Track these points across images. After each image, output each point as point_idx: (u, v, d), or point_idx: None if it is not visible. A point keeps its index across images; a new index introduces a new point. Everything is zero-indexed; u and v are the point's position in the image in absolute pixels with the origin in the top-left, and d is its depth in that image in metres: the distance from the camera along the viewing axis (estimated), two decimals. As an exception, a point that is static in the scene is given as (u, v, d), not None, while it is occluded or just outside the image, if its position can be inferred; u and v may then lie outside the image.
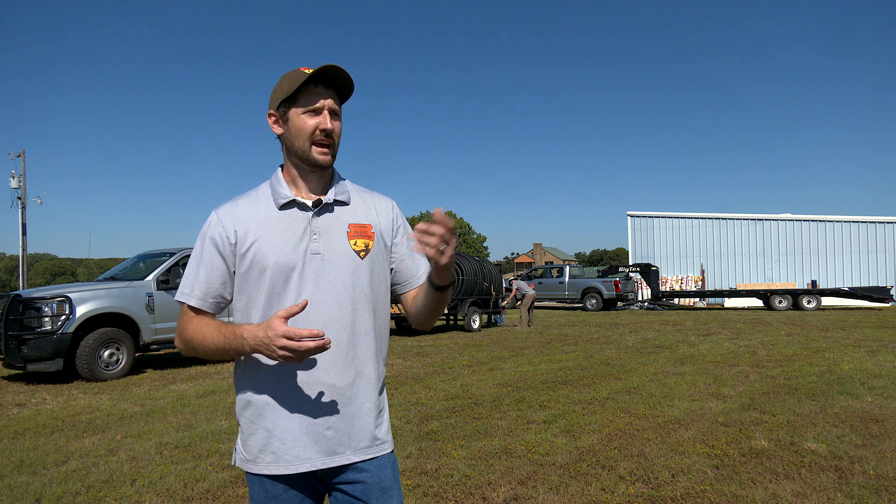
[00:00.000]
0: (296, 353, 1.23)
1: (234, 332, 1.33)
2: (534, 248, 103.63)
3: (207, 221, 1.46)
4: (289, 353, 1.23)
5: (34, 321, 7.70)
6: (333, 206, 1.47)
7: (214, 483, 3.75)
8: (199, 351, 1.41)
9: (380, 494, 1.42)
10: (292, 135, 1.42)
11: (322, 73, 1.38)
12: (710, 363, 8.53)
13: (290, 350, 1.23)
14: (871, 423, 4.94)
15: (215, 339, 1.36)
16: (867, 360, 8.53)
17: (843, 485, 3.56)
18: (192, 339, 1.41)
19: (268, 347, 1.26)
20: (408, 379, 7.64)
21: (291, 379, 1.38)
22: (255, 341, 1.28)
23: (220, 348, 1.36)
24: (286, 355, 1.24)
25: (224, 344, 1.35)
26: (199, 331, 1.40)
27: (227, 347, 1.35)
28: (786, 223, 26.41)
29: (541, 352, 10.40)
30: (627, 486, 3.60)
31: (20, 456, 4.43)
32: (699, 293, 23.64)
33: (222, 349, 1.36)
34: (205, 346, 1.38)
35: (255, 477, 1.42)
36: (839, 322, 15.52)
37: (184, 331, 1.43)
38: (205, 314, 1.45)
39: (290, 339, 1.22)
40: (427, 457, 4.25)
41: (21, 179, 30.75)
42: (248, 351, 1.31)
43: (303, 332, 1.23)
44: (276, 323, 1.24)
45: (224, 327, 1.37)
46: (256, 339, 1.27)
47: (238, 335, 1.31)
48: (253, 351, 1.30)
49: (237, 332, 1.32)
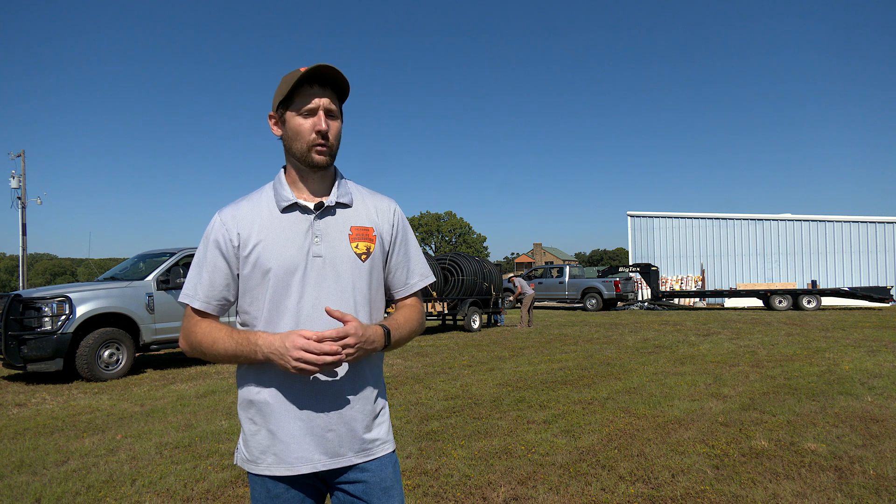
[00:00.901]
0: (312, 365, 1.26)
1: (247, 339, 1.33)
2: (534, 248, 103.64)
3: (210, 224, 1.46)
4: (305, 364, 1.26)
5: (34, 321, 7.70)
6: (336, 208, 1.47)
7: (214, 483, 3.75)
8: (207, 355, 1.42)
9: (381, 494, 1.43)
10: (290, 136, 1.43)
11: (314, 74, 1.38)
12: (710, 363, 8.54)
13: (307, 361, 1.25)
14: (871, 423, 4.94)
15: (226, 344, 1.37)
16: (867, 360, 8.53)
17: (843, 485, 3.56)
18: (202, 342, 1.41)
19: (282, 358, 1.27)
20: (408, 379, 7.65)
21: (293, 380, 1.38)
22: (270, 349, 1.29)
23: (230, 354, 1.36)
24: (301, 367, 1.26)
25: (235, 349, 1.35)
26: (209, 335, 1.40)
27: (238, 353, 1.35)
28: (786, 223, 26.42)
29: (541, 352, 10.40)
30: (627, 486, 3.60)
31: (20, 456, 4.43)
32: (699, 293, 23.64)
33: (233, 355, 1.36)
34: (215, 350, 1.39)
35: (257, 477, 1.43)
36: (839, 322, 15.52)
37: (191, 334, 1.43)
38: (209, 316, 1.45)
39: (307, 353, 1.25)
40: (427, 457, 4.25)
41: (21, 179, 30.76)
42: (260, 359, 1.32)
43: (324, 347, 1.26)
44: (296, 336, 1.27)
45: (236, 333, 1.37)
46: (273, 347, 1.29)
47: (252, 342, 1.32)
48: (266, 360, 1.31)
49: (251, 339, 1.33)
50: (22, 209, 30.47)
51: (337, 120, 1.44)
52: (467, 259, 15.62)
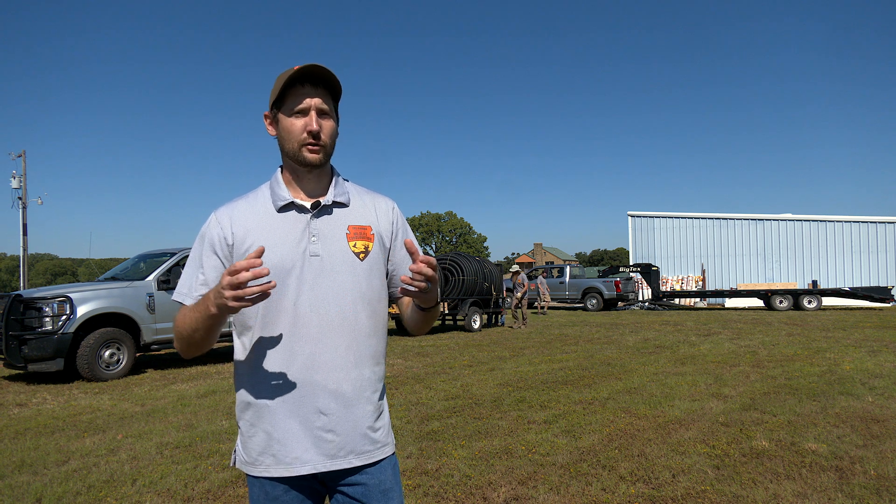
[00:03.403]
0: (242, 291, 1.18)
1: (202, 300, 1.31)
2: (534, 248, 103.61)
3: (206, 223, 1.46)
4: (235, 292, 1.18)
5: (35, 321, 7.71)
6: (332, 207, 1.46)
7: (215, 483, 3.75)
8: (184, 337, 1.38)
9: (380, 496, 1.42)
10: (282, 136, 1.42)
11: (304, 73, 1.37)
12: (711, 363, 8.53)
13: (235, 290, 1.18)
14: (872, 424, 4.94)
15: (192, 314, 1.34)
16: (868, 360, 8.52)
17: (844, 485, 3.56)
18: (180, 329, 1.38)
19: (218, 295, 1.22)
20: (408, 379, 7.64)
21: (291, 381, 1.37)
22: (213, 294, 1.25)
23: (197, 320, 1.33)
24: (235, 294, 1.18)
25: (196, 314, 1.32)
26: (181, 318, 1.38)
27: (198, 316, 1.31)
28: (786, 223, 26.39)
29: (541, 352, 10.40)
30: (628, 487, 3.60)
31: (21, 456, 4.43)
32: (700, 293, 23.62)
33: (198, 320, 1.32)
34: (186, 326, 1.36)
35: (255, 479, 1.42)
36: (840, 322, 15.51)
37: (175, 327, 1.42)
38: None
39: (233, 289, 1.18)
40: (427, 457, 4.25)
41: (22, 179, 30.79)
42: (213, 311, 1.26)
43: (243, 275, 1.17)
44: (223, 275, 1.21)
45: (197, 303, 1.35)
46: (212, 292, 1.25)
47: (204, 298, 1.30)
48: (217, 308, 1.25)
49: (204, 298, 1.30)
50: (23, 209, 30.50)
51: (330, 119, 1.43)
52: (468, 259, 15.62)
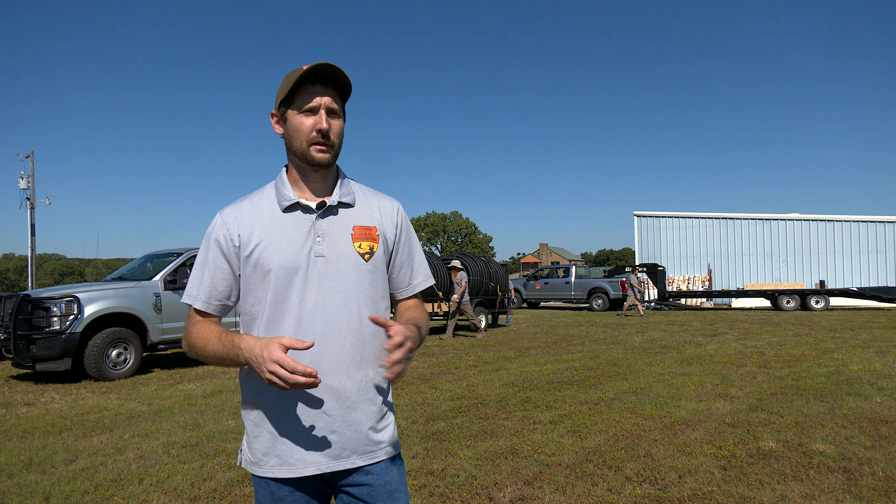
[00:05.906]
0: (284, 382, 1.21)
1: (232, 341, 1.32)
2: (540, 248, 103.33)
3: (212, 224, 1.46)
4: (276, 379, 1.21)
5: (43, 321, 7.76)
6: (338, 208, 1.46)
7: (221, 482, 3.76)
8: (201, 356, 1.41)
9: (386, 497, 1.41)
10: (291, 135, 1.42)
11: (315, 72, 1.37)
12: (718, 364, 8.49)
13: (279, 377, 1.21)
14: (881, 425, 4.91)
15: (215, 346, 1.35)
16: (876, 360, 8.46)
17: (852, 486, 3.54)
18: (195, 343, 1.41)
19: (258, 367, 1.24)
20: (414, 379, 7.65)
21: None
22: (249, 354, 1.26)
23: (218, 356, 1.35)
24: (272, 380, 1.22)
25: (222, 352, 1.34)
26: (201, 336, 1.39)
27: (224, 356, 1.34)
28: (793, 223, 26.25)
29: (547, 352, 10.38)
30: (634, 487, 3.59)
31: (29, 455, 4.46)
32: (706, 293, 23.52)
33: (220, 357, 1.35)
34: (206, 352, 1.38)
35: (261, 479, 1.42)
36: (848, 322, 15.41)
37: (189, 335, 1.43)
38: (211, 317, 1.45)
39: (281, 368, 1.20)
40: (433, 457, 4.25)
41: (30, 180, 31.00)
42: (242, 362, 1.30)
43: (297, 367, 1.20)
44: (275, 347, 1.22)
45: (224, 335, 1.36)
46: (252, 353, 1.26)
47: (235, 345, 1.30)
48: (246, 363, 1.29)
49: (235, 341, 1.31)
50: (31, 210, 30.71)
51: (339, 119, 1.43)
52: (473, 259, 15.60)
